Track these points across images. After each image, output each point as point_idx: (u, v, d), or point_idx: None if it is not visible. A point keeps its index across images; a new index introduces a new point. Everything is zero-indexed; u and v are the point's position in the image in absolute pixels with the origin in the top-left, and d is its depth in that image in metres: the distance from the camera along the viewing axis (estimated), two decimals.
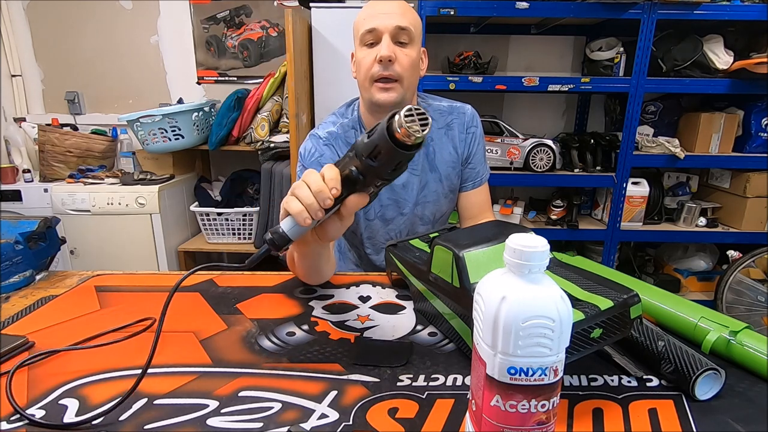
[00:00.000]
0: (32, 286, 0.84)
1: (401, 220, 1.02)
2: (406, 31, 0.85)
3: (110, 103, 2.48)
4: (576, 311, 0.49)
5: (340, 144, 0.97)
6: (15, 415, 0.48)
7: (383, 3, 0.87)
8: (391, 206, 1.01)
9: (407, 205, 1.01)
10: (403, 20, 0.85)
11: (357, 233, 1.06)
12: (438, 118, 1.00)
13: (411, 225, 1.04)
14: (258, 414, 0.48)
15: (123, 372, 0.56)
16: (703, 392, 0.51)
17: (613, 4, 1.79)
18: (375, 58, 0.85)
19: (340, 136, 0.97)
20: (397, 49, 0.86)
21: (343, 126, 0.98)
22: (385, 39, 0.85)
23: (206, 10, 2.35)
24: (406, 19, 0.86)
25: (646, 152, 2.02)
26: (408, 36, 0.86)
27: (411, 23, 0.86)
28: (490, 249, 0.60)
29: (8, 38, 2.36)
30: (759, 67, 1.78)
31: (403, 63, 0.86)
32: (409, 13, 0.87)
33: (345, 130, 0.97)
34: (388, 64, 0.85)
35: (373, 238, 1.05)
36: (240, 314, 0.71)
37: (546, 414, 0.38)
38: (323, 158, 0.94)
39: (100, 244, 2.10)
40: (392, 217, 1.02)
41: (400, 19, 0.85)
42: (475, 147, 1.02)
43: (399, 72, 0.86)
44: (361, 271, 1.11)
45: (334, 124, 0.98)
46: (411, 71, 0.88)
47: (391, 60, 0.84)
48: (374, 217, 1.02)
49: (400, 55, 0.86)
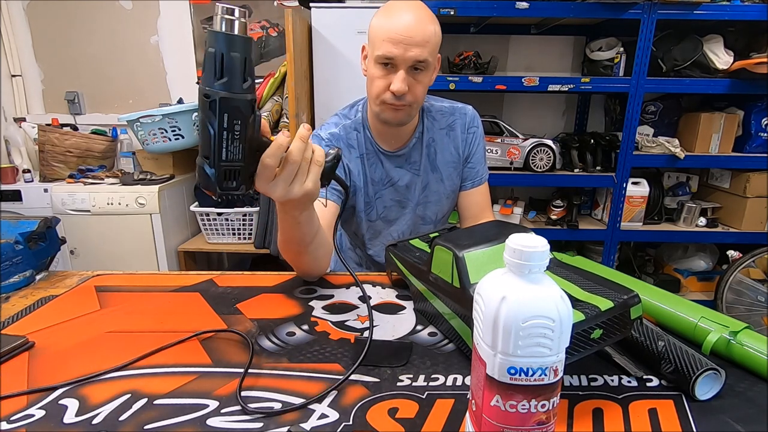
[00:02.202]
0: (32, 286, 0.84)
1: (404, 220, 1.03)
2: (423, 62, 0.84)
3: (110, 103, 2.48)
4: (576, 312, 0.49)
5: (342, 146, 0.96)
6: (16, 414, 0.48)
7: (405, 19, 0.82)
8: (394, 207, 1.02)
9: (409, 205, 1.02)
10: (422, 53, 0.82)
11: (359, 234, 1.06)
12: (440, 119, 1.01)
13: (413, 225, 1.05)
14: (258, 414, 0.48)
15: (123, 372, 0.56)
16: (703, 392, 0.51)
17: (613, 4, 1.79)
18: (387, 86, 0.85)
19: (342, 138, 0.97)
20: (411, 79, 0.85)
21: (345, 128, 0.98)
22: (400, 74, 0.83)
23: (206, 10, 2.35)
24: (426, 49, 0.83)
25: (646, 152, 2.02)
26: (424, 65, 0.84)
27: (430, 52, 0.84)
28: (490, 249, 0.60)
29: (8, 38, 2.36)
30: (759, 67, 1.78)
31: (415, 93, 0.86)
32: (430, 37, 0.83)
33: (347, 132, 0.97)
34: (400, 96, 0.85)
35: (376, 238, 1.05)
36: (240, 314, 0.71)
37: (546, 414, 0.38)
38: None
39: (100, 244, 2.10)
40: (395, 218, 1.03)
41: (419, 53, 0.82)
42: (475, 147, 1.03)
43: (410, 100, 0.87)
44: (363, 270, 1.11)
45: (337, 126, 0.98)
46: (422, 95, 0.89)
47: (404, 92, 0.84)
48: (377, 218, 1.02)
49: (412, 86, 0.85)
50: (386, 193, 1.00)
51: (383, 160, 0.98)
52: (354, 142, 0.97)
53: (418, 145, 0.99)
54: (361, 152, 0.97)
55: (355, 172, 0.97)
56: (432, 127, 1.00)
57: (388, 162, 0.98)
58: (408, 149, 0.98)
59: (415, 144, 0.99)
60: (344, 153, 0.96)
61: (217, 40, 0.46)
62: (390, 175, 0.99)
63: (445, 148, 1.01)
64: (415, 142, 0.98)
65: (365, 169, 0.97)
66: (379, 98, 0.87)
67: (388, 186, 1.00)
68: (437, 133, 1.00)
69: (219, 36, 0.46)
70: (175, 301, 0.76)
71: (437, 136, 1.00)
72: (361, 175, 0.97)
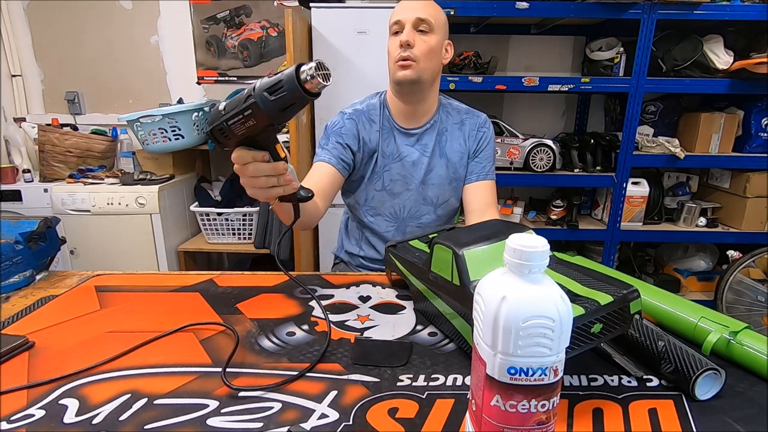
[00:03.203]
0: (32, 286, 0.84)
1: (407, 195, 1.11)
2: (426, 21, 0.97)
3: (110, 103, 2.48)
4: (576, 306, 0.49)
5: (363, 119, 1.08)
6: (16, 414, 0.48)
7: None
8: (400, 181, 1.10)
9: (414, 182, 1.10)
10: (423, 12, 0.98)
11: (360, 202, 1.12)
12: (455, 115, 1.12)
13: (414, 203, 1.11)
14: (258, 414, 0.48)
15: (123, 372, 0.56)
16: (703, 392, 0.51)
17: (613, 4, 1.79)
18: (399, 45, 0.98)
19: (363, 113, 1.09)
20: (417, 35, 0.98)
21: (369, 105, 1.10)
22: (407, 27, 0.98)
23: (206, 10, 2.35)
24: (426, 11, 0.98)
25: (646, 152, 2.02)
26: (428, 26, 0.98)
27: (431, 15, 0.98)
28: (489, 247, 0.60)
29: (8, 38, 2.36)
30: (759, 67, 1.78)
31: (420, 47, 0.98)
32: (431, 8, 1.00)
33: (369, 109, 1.09)
34: (407, 47, 0.97)
35: (378, 208, 1.12)
36: (240, 314, 0.71)
37: (546, 414, 0.38)
38: (344, 129, 1.06)
39: (100, 244, 2.10)
40: (399, 192, 1.10)
41: (420, 12, 0.97)
42: (484, 145, 1.11)
43: (416, 54, 0.97)
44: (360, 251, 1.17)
45: (362, 103, 1.11)
46: (428, 55, 0.99)
47: (410, 44, 0.96)
48: (382, 188, 1.10)
49: (418, 41, 0.98)
50: (394, 167, 1.09)
51: (396, 135, 1.09)
52: (375, 117, 1.09)
53: (432, 130, 1.09)
54: (380, 126, 1.08)
55: (369, 142, 1.08)
56: (446, 119, 1.11)
57: (401, 138, 1.09)
58: (422, 131, 1.09)
59: (428, 129, 1.09)
60: (365, 126, 1.08)
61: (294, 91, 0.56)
62: (400, 150, 1.09)
63: (455, 139, 1.10)
64: (429, 127, 1.09)
65: (380, 141, 1.08)
66: (393, 59, 0.99)
67: (397, 161, 1.09)
68: (450, 125, 1.11)
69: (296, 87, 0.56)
70: (175, 301, 0.76)
71: (450, 128, 1.10)
72: (377, 144, 1.08)
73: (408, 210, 1.11)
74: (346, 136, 1.05)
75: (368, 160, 1.09)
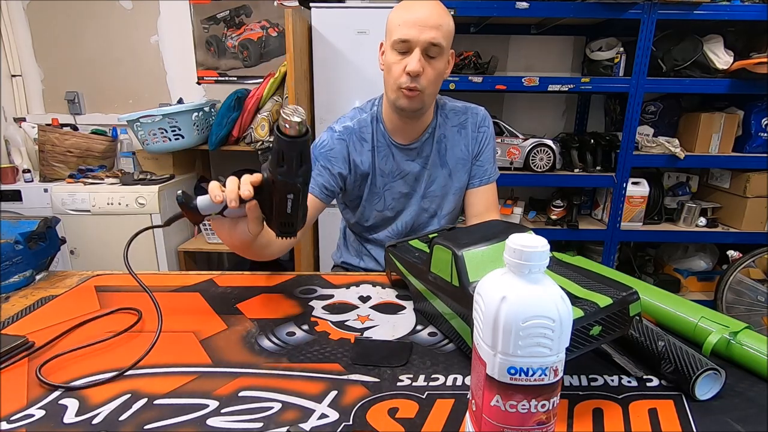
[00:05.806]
0: (32, 286, 0.84)
1: (409, 211, 1.06)
2: (438, 46, 0.87)
3: (110, 103, 2.48)
4: (575, 308, 0.49)
5: (353, 139, 1.00)
6: (16, 414, 0.48)
7: (420, 7, 0.87)
8: (402, 198, 1.05)
9: (415, 196, 1.05)
10: (437, 35, 0.86)
11: (361, 222, 1.09)
12: (452, 117, 1.04)
13: (417, 216, 1.07)
14: (258, 414, 0.48)
15: (123, 372, 0.56)
16: (703, 392, 0.51)
17: (613, 4, 1.79)
18: (404, 69, 0.88)
19: (355, 132, 1.00)
20: (425, 62, 0.88)
21: (360, 122, 1.01)
22: (416, 53, 0.87)
23: (206, 10, 2.35)
24: (440, 33, 0.87)
25: (646, 152, 2.02)
26: (438, 50, 0.88)
27: (444, 36, 0.87)
28: (489, 248, 0.60)
29: (8, 38, 2.36)
30: (759, 67, 1.78)
31: (429, 77, 0.89)
32: (444, 24, 0.88)
33: (361, 126, 1.01)
34: (415, 78, 0.88)
35: (380, 226, 1.08)
36: (240, 314, 0.71)
37: (546, 414, 0.38)
38: (332, 152, 0.98)
39: (100, 244, 2.10)
40: (401, 209, 1.06)
41: (433, 35, 0.86)
42: (484, 145, 1.05)
43: (424, 85, 0.89)
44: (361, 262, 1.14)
45: (352, 120, 1.02)
46: (435, 82, 0.91)
47: (419, 75, 0.87)
48: (384, 209, 1.06)
49: (427, 69, 0.88)
50: (396, 185, 1.03)
51: (395, 152, 1.01)
52: (367, 135, 1.01)
53: (430, 139, 1.02)
54: (373, 145, 1.01)
55: (361, 165, 1.01)
56: (444, 123, 1.03)
57: (400, 154, 1.02)
58: (420, 143, 1.02)
59: (427, 139, 1.02)
60: (355, 146, 1.00)
61: (279, 141, 0.59)
62: (401, 167, 1.02)
63: (456, 145, 1.03)
64: (428, 137, 1.02)
65: (375, 161, 1.01)
66: (395, 83, 0.90)
67: (398, 178, 1.03)
68: (449, 130, 1.03)
69: (279, 138, 0.59)
70: (175, 301, 0.76)
71: (449, 133, 1.03)
72: (370, 166, 1.01)
73: (411, 225, 1.07)
74: (334, 160, 0.97)
75: (362, 182, 1.02)
